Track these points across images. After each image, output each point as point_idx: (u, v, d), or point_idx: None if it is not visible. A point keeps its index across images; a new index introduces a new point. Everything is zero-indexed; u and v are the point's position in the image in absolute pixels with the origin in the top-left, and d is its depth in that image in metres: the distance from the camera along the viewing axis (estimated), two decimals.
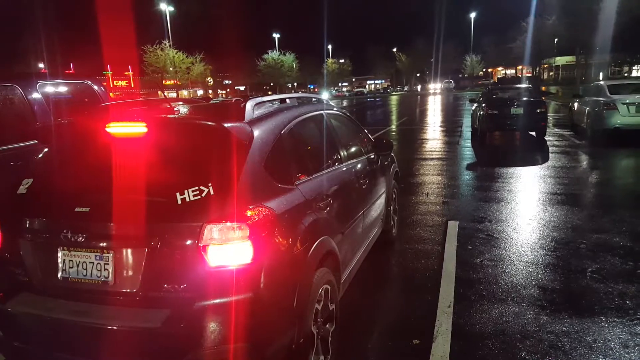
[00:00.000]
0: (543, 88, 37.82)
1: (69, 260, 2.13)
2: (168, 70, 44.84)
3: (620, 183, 7.37)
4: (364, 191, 3.58)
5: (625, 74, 46.33)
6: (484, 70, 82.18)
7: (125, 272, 2.05)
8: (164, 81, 48.29)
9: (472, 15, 70.87)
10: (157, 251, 1.97)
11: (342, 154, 3.35)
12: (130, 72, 62.11)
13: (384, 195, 4.27)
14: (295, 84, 77.57)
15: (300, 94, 3.48)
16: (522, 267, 3.97)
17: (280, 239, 2.13)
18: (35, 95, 4.12)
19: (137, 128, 2.22)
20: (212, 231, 1.93)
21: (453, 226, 5.16)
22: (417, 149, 11.66)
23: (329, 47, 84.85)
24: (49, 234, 2.19)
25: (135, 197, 2.06)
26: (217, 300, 1.92)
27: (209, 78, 59.82)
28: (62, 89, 4.59)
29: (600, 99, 11.02)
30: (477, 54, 75.15)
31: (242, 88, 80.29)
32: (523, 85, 14.22)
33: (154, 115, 2.53)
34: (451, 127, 17.19)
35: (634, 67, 49.98)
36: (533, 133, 12.18)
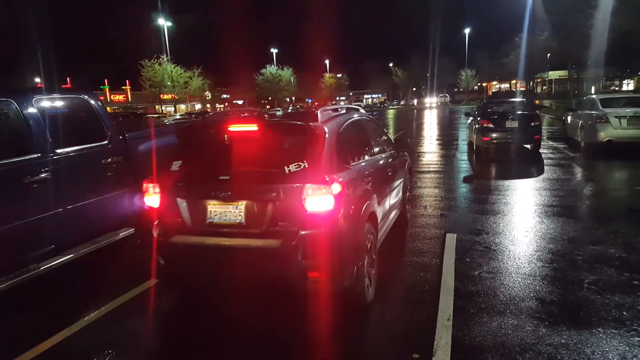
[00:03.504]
0: (537, 102, 38.24)
1: (214, 210, 3.25)
2: (166, 84, 44.92)
3: (614, 195, 7.44)
4: (390, 177, 4.75)
5: (617, 88, 46.95)
6: (479, 84, 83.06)
7: (253, 216, 3.16)
8: (161, 95, 48.42)
9: (467, 30, 72.06)
10: (274, 202, 3.09)
11: (375, 148, 4.56)
12: (128, 87, 62.34)
13: (402, 184, 5.42)
14: (293, 98, 78.02)
15: (346, 105, 5.01)
16: (520, 279, 3.98)
17: (347, 198, 3.22)
18: (31, 110, 4.09)
19: (253, 127, 3.39)
20: (309, 189, 3.05)
21: (451, 239, 5.18)
22: (414, 162, 11.71)
23: (327, 61, 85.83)
24: (201, 193, 3.27)
25: (259, 169, 3.23)
26: (313, 231, 3.03)
27: (207, 92, 60.02)
28: (59, 103, 4.56)
29: (593, 112, 11.17)
30: (472, 69, 76.10)
31: (240, 102, 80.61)
32: (517, 99, 14.40)
33: (265, 120, 3.62)
34: (447, 140, 17.33)
35: (624, 81, 50.73)
36: (528, 146, 12.31)
